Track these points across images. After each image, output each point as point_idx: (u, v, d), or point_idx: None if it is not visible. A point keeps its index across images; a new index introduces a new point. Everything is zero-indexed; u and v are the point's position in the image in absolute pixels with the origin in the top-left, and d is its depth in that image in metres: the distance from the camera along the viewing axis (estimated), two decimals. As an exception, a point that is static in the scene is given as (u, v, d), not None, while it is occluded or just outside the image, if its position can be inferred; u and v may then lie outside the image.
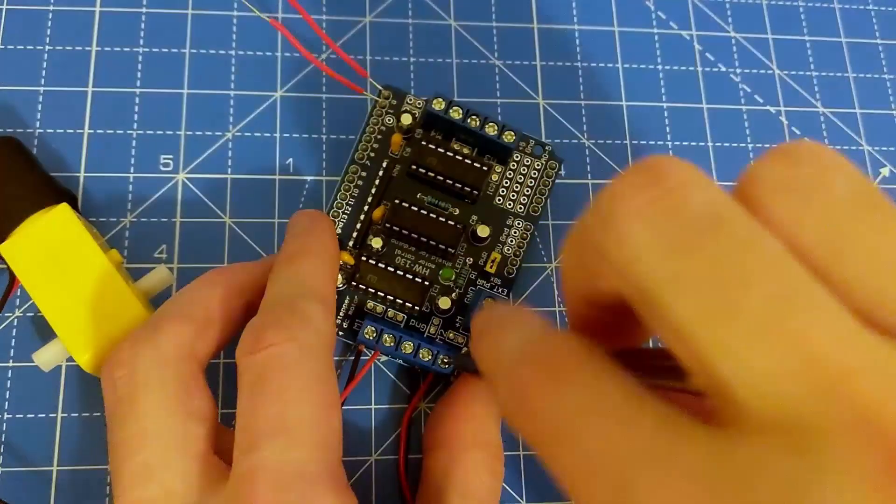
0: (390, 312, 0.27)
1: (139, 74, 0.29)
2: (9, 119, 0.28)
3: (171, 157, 0.29)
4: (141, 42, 0.30)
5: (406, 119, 0.28)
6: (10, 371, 0.26)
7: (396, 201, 0.27)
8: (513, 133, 0.27)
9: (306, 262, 0.24)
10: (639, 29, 0.33)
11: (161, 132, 0.29)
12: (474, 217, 0.28)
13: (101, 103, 0.29)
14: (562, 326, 0.28)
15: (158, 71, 0.29)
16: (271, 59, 0.30)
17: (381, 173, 0.28)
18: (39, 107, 0.28)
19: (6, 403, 0.26)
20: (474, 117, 0.27)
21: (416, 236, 0.27)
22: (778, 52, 0.33)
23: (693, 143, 0.31)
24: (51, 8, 0.30)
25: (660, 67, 0.32)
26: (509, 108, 0.31)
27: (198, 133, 0.29)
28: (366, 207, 0.27)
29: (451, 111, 0.27)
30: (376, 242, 0.27)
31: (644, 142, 0.31)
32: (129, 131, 0.29)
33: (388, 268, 0.26)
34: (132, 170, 0.28)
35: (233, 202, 0.28)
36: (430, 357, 0.26)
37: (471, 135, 0.28)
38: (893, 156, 0.32)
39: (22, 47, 0.29)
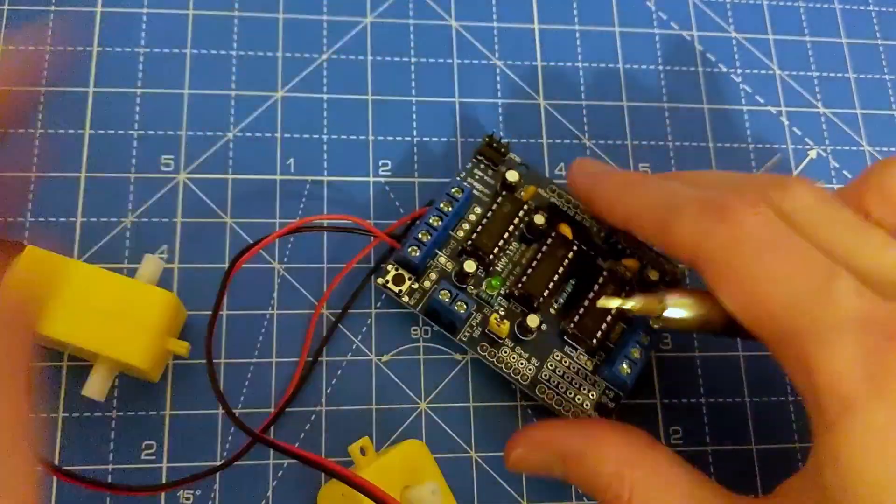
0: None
1: (140, 74, 0.29)
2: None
3: (171, 157, 0.29)
4: (142, 42, 0.30)
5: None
6: (10, 371, 0.26)
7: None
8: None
9: None
10: (639, 29, 0.33)
11: (162, 132, 0.29)
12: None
13: (101, 103, 0.29)
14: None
15: (159, 71, 0.29)
16: (272, 59, 0.30)
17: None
18: (41, 107, 0.28)
19: (7, 403, 0.26)
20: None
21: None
22: (779, 52, 0.33)
23: (694, 144, 0.31)
24: (51, 8, 0.30)
25: (660, 68, 0.32)
26: (510, 108, 0.31)
27: (199, 133, 0.29)
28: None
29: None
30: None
31: (644, 142, 0.31)
32: (129, 131, 0.29)
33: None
34: (133, 170, 0.28)
35: (234, 203, 0.28)
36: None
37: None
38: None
39: (23, 47, 0.29)
